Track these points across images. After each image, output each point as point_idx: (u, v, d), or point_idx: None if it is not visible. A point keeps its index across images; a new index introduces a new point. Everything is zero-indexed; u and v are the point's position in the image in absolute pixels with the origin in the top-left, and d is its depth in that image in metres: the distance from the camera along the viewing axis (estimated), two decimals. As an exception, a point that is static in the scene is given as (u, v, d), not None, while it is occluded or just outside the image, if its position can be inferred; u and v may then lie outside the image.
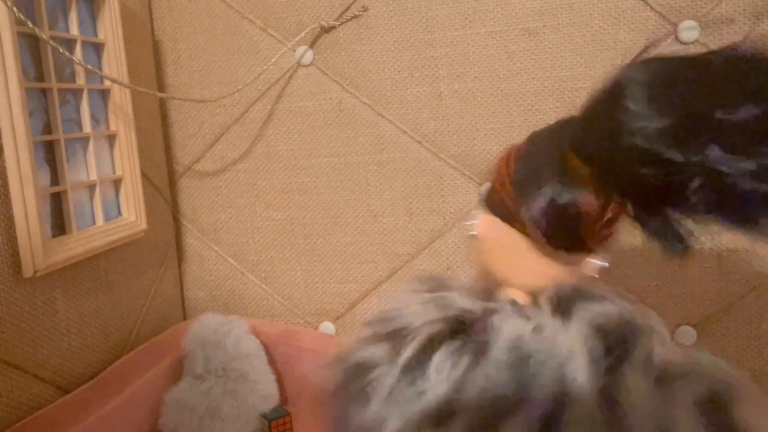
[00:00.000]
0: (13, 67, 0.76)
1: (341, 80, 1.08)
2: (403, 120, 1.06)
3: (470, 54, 1.02)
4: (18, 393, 0.80)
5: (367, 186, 1.09)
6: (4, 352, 0.78)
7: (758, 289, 0.95)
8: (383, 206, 1.09)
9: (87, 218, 0.94)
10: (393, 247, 1.10)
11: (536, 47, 0.99)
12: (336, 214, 1.12)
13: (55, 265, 0.82)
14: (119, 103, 0.98)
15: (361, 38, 1.06)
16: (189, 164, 1.18)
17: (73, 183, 0.90)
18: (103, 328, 0.96)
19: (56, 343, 0.86)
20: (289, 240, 1.15)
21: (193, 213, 1.19)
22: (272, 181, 1.14)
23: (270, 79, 1.11)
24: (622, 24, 0.95)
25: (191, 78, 1.15)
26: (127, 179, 1.00)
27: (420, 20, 1.03)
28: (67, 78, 0.92)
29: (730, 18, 0.91)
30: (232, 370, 0.97)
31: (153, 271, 1.10)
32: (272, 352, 1.05)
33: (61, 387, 0.87)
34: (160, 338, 1.05)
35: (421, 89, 1.05)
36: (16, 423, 0.78)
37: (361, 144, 1.08)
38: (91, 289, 0.93)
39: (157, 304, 1.11)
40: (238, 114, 1.14)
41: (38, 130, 0.85)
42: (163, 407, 0.95)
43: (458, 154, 1.04)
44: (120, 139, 0.99)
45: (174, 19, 1.14)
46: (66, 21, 0.91)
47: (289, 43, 1.08)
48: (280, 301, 1.17)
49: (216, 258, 1.19)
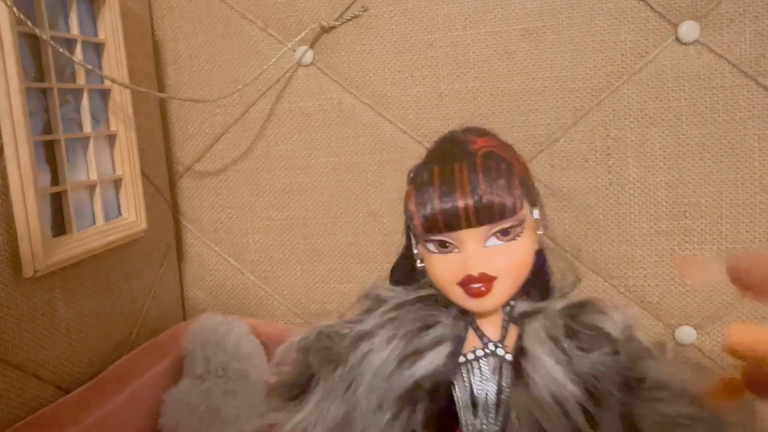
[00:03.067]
0: (14, 67, 0.76)
1: (341, 80, 1.08)
2: (404, 120, 1.06)
3: (470, 54, 1.02)
4: (18, 393, 0.80)
5: (367, 186, 1.09)
6: (3, 352, 0.78)
7: (758, 289, 0.95)
8: (383, 206, 1.09)
9: (87, 218, 0.94)
10: (394, 246, 1.09)
11: (536, 47, 0.99)
12: (336, 214, 1.12)
13: (55, 265, 0.82)
14: (119, 103, 0.98)
15: (361, 38, 1.06)
16: (189, 164, 1.18)
17: (73, 183, 0.90)
18: (103, 328, 0.96)
19: (56, 343, 0.86)
20: (289, 240, 1.15)
21: (193, 213, 1.19)
22: (272, 181, 1.14)
23: (270, 79, 1.11)
24: (622, 24, 0.95)
25: (191, 78, 1.15)
26: (127, 179, 1.00)
27: (420, 20, 1.03)
28: (68, 78, 0.92)
29: (730, 18, 0.91)
30: (232, 370, 0.97)
31: (153, 271, 1.10)
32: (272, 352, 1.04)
33: (61, 387, 0.87)
34: (160, 338, 1.05)
35: (422, 89, 1.05)
36: (16, 423, 0.78)
37: (361, 144, 1.09)
38: (91, 289, 0.93)
39: (157, 304, 1.11)
40: (238, 114, 1.14)
41: (38, 130, 0.85)
42: (163, 407, 0.95)
43: (458, 154, 1.04)
44: (120, 139, 0.99)
45: (174, 19, 1.14)
46: (66, 21, 0.91)
47: (289, 43, 1.08)
48: (280, 301, 1.17)
49: (216, 258, 1.19)
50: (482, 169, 0.51)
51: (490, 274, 0.51)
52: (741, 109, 0.93)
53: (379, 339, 0.54)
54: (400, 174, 1.10)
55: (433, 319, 0.55)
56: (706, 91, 0.94)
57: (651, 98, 0.96)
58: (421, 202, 0.52)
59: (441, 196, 0.51)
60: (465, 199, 0.50)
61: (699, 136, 0.95)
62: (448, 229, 0.52)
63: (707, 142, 0.95)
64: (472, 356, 0.55)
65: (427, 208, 0.52)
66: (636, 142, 0.97)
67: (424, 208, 0.52)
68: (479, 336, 0.56)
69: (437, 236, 0.52)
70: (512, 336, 0.55)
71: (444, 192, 0.51)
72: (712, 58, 0.93)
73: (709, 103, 0.94)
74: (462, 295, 0.53)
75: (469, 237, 0.52)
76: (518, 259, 0.53)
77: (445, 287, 0.54)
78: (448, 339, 0.54)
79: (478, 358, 0.55)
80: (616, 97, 0.97)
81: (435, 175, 0.52)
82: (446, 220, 0.51)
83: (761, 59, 0.91)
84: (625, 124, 0.97)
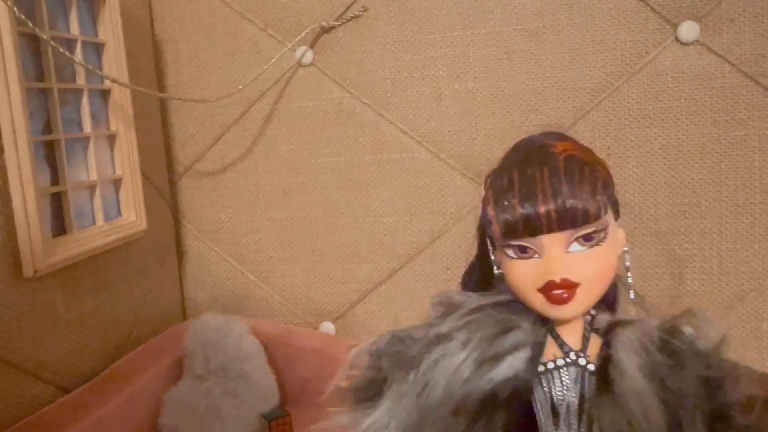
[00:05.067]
0: (14, 67, 0.76)
1: (341, 80, 1.08)
2: (403, 120, 1.06)
3: (470, 54, 1.02)
4: (18, 393, 0.80)
5: (367, 186, 1.09)
6: (3, 352, 0.78)
7: (758, 289, 0.95)
8: (383, 206, 1.09)
9: (87, 218, 0.94)
10: (393, 247, 1.10)
11: (536, 47, 0.99)
12: (336, 214, 1.12)
13: (55, 265, 0.82)
14: (119, 103, 0.98)
15: (361, 38, 1.06)
16: (189, 164, 1.18)
17: (73, 183, 0.90)
18: (103, 328, 0.96)
19: (56, 343, 0.86)
20: (289, 240, 1.15)
21: (193, 213, 1.19)
22: (272, 181, 1.14)
23: (270, 79, 1.11)
24: (622, 24, 0.95)
25: (191, 78, 1.15)
26: (127, 179, 1.00)
27: (420, 20, 1.03)
28: (68, 78, 0.92)
29: (730, 18, 0.91)
30: (232, 370, 0.97)
31: (153, 271, 1.10)
32: (272, 352, 1.05)
33: (61, 387, 0.87)
34: (160, 338, 1.05)
35: (421, 89, 1.05)
36: (16, 423, 0.78)
37: (361, 144, 1.09)
38: (91, 289, 0.93)
39: (157, 304, 1.11)
40: (238, 114, 1.14)
41: (38, 130, 0.85)
42: (163, 407, 0.95)
43: (458, 155, 1.04)
44: (120, 139, 0.99)
45: (174, 19, 1.14)
46: (66, 21, 0.92)
47: (289, 44, 1.08)
48: (280, 301, 1.17)
49: (216, 258, 1.19)
50: (565, 172, 0.50)
51: (573, 280, 0.50)
52: (741, 109, 0.93)
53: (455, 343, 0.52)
54: (400, 174, 1.11)
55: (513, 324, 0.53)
56: (706, 91, 0.94)
57: (651, 98, 0.96)
58: (500, 207, 0.50)
59: (522, 201, 0.49)
60: (547, 204, 0.49)
61: (699, 136, 0.95)
62: (529, 235, 0.50)
63: (707, 142, 0.95)
64: (552, 365, 0.53)
65: (507, 213, 0.50)
66: (636, 142, 0.97)
67: (504, 213, 0.50)
68: (559, 344, 0.54)
69: (517, 241, 0.51)
70: (594, 346, 0.54)
71: (524, 197, 0.49)
72: (712, 58, 0.93)
73: (709, 103, 0.94)
74: (543, 302, 0.51)
75: (550, 242, 0.50)
76: (601, 265, 0.51)
77: (525, 294, 0.52)
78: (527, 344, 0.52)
79: (558, 367, 0.53)
80: (616, 97, 0.97)
81: (515, 179, 0.51)
82: (527, 226, 0.49)
83: (761, 59, 0.91)
84: (625, 124, 0.97)
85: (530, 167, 0.51)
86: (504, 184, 0.51)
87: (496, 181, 0.52)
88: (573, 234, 0.50)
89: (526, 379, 0.51)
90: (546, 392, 0.53)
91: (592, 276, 0.50)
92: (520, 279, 0.52)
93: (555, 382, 0.53)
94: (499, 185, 0.51)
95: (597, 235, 0.50)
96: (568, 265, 0.50)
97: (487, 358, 0.51)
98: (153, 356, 1.00)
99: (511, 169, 0.52)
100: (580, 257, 0.50)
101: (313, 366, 1.03)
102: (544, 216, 0.49)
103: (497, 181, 0.52)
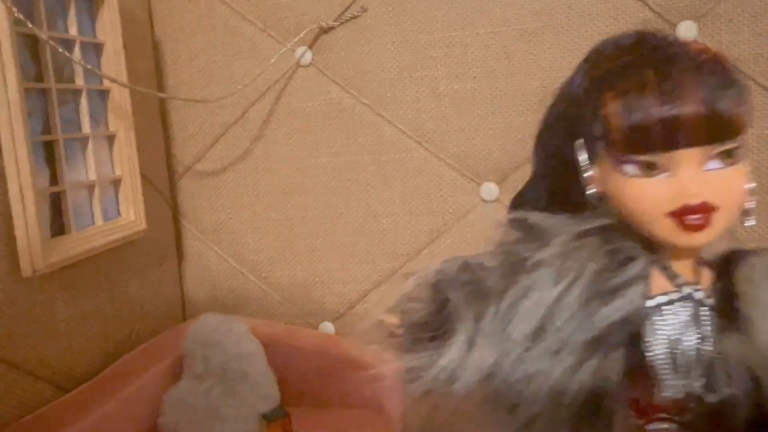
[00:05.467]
0: (13, 67, 0.76)
1: (340, 81, 1.08)
2: (403, 120, 1.06)
3: (469, 54, 1.02)
4: (18, 392, 0.80)
5: (367, 186, 1.09)
6: (3, 352, 0.78)
7: (758, 289, 0.95)
8: (383, 206, 1.09)
9: (86, 218, 0.94)
10: (393, 247, 1.10)
11: (535, 47, 0.99)
12: (336, 214, 1.12)
13: (54, 265, 0.82)
14: (118, 103, 0.99)
15: (360, 39, 1.06)
16: (189, 164, 1.18)
17: (72, 183, 0.90)
18: (103, 328, 0.96)
19: (56, 343, 0.87)
20: (289, 240, 1.15)
21: (193, 213, 1.19)
22: (272, 181, 1.14)
23: (269, 79, 1.11)
24: (621, 24, 0.95)
25: (191, 78, 1.15)
26: (126, 179, 1.00)
27: (419, 21, 1.03)
28: (67, 78, 0.92)
29: (729, 18, 0.91)
30: (232, 370, 0.97)
31: (153, 271, 1.11)
32: (272, 352, 1.05)
33: (61, 387, 0.87)
34: (160, 338, 1.05)
35: (420, 89, 1.05)
36: (15, 422, 0.78)
37: (360, 144, 1.09)
38: (91, 289, 0.94)
39: (157, 304, 1.11)
40: (238, 114, 1.14)
41: (37, 131, 0.85)
42: (163, 407, 0.95)
43: (458, 155, 1.04)
44: (119, 139, 0.99)
45: (174, 19, 1.15)
46: (65, 21, 0.92)
47: (288, 44, 1.08)
48: (280, 301, 1.17)
49: (216, 258, 1.19)
50: (712, 75, 0.42)
51: (713, 203, 0.42)
52: (740, 108, 0.92)
53: (549, 271, 0.45)
54: (400, 174, 1.10)
55: (630, 253, 0.46)
56: (705, 91, 0.94)
57: (650, 98, 0.96)
58: (628, 109, 0.42)
59: (662, 103, 0.41)
60: (696, 107, 0.41)
61: (698, 136, 0.95)
62: (665, 146, 0.42)
63: (706, 141, 0.95)
64: (665, 299, 0.46)
65: (638, 116, 0.42)
66: (635, 141, 0.97)
67: (633, 116, 0.42)
68: (670, 277, 0.47)
69: (644, 156, 0.43)
70: (706, 279, 0.47)
71: (665, 99, 0.41)
72: (711, 57, 0.93)
73: (708, 103, 0.94)
74: (672, 228, 0.43)
75: (687, 158, 0.42)
76: (741, 187, 0.44)
77: (648, 218, 0.44)
78: (644, 278, 0.45)
79: (672, 301, 0.46)
80: (615, 97, 0.97)
81: (649, 78, 0.42)
82: (666, 133, 0.42)
83: (759, 58, 0.91)
84: (624, 123, 0.97)
85: (669, 65, 0.43)
86: (634, 83, 0.43)
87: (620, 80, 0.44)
88: (712, 149, 0.43)
89: (641, 315, 0.45)
90: (659, 331, 0.46)
91: (733, 199, 0.44)
92: (644, 201, 0.44)
93: (667, 319, 0.46)
94: (626, 85, 0.43)
95: (737, 152, 0.44)
96: (708, 185, 0.43)
97: (601, 291, 0.45)
98: (153, 356, 1.00)
99: (641, 66, 0.43)
100: (721, 177, 0.43)
101: (313, 366, 1.03)
102: (692, 121, 0.41)
103: (622, 80, 0.44)
